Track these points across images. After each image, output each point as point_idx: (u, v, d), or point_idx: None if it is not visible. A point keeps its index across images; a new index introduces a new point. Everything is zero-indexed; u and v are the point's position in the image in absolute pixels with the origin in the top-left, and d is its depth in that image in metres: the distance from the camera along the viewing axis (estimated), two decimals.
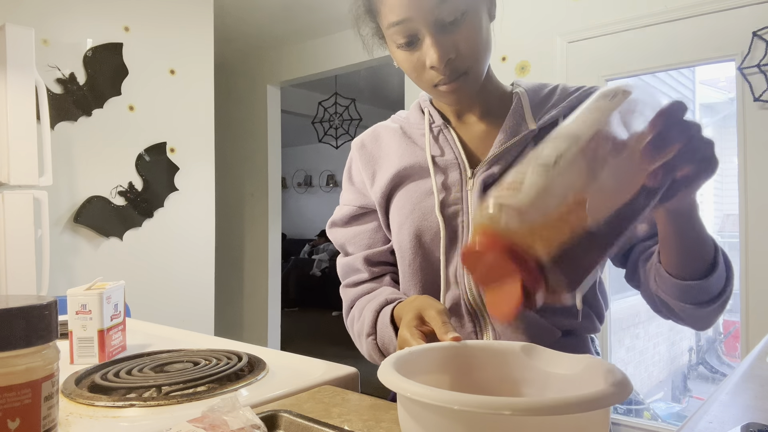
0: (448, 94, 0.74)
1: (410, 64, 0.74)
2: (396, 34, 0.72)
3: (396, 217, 0.83)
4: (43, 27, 2.38)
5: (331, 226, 0.94)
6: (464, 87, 0.74)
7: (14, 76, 2.02)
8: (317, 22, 3.62)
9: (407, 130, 0.86)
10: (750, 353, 0.87)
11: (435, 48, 0.69)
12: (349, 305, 0.90)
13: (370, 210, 0.90)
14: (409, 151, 0.83)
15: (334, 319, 6.62)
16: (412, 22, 0.70)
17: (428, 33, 0.70)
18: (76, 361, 0.92)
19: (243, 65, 4.37)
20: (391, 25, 0.72)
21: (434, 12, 0.68)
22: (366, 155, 0.89)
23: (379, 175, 0.86)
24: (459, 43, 0.71)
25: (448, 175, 0.79)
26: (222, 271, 4.39)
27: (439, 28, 0.70)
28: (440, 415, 0.40)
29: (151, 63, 2.77)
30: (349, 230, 0.90)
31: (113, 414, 0.66)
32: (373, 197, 0.87)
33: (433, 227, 0.78)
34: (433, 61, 0.70)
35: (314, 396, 0.71)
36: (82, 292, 0.94)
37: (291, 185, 9.25)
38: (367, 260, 0.88)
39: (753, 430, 0.55)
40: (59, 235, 2.46)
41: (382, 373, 0.45)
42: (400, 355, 0.51)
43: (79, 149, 2.52)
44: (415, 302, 0.71)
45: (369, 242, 0.88)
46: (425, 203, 0.79)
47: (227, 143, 4.43)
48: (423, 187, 0.81)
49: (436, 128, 0.83)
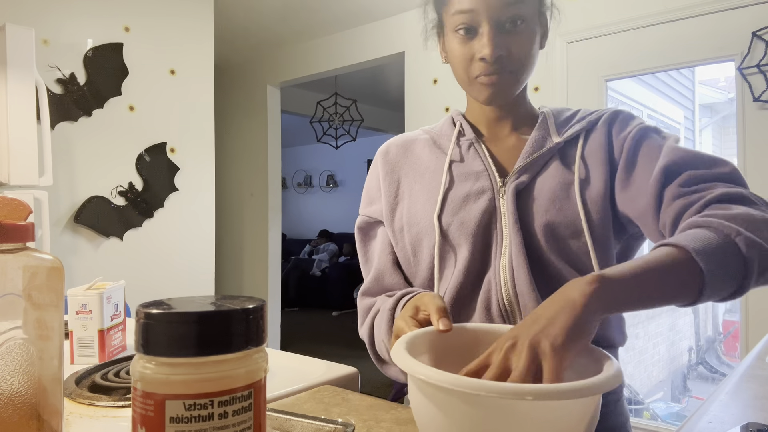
0: (488, 87, 0.79)
1: (462, 53, 0.79)
2: (458, 21, 0.78)
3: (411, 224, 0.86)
4: (43, 27, 2.38)
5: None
6: (504, 84, 0.79)
7: (14, 76, 2.02)
8: (317, 22, 3.62)
9: (437, 140, 0.90)
10: (750, 353, 0.87)
11: (490, 42, 0.76)
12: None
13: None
14: (437, 160, 0.87)
15: (334, 319, 6.63)
16: (477, 15, 0.76)
17: (488, 28, 0.76)
18: (76, 361, 0.92)
19: (243, 65, 4.37)
20: (457, 12, 0.78)
21: (499, 11, 0.76)
22: (389, 163, 0.91)
23: (404, 182, 0.89)
24: (512, 45, 0.77)
25: (480, 185, 0.82)
26: (222, 271, 4.39)
27: (499, 26, 0.77)
28: (458, 399, 0.45)
29: (151, 63, 2.77)
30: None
31: (113, 414, 0.66)
32: (385, 203, 0.89)
33: (468, 228, 0.80)
34: (485, 54, 0.76)
35: (314, 396, 0.71)
36: (83, 292, 0.94)
37: (291, 185, 9.25)
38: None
39: (753, 430, 0.55)
40: (59, 235, 2.46)
41: (397, 356, 0.52)
42: (409, 338, 0.58)
43: (79, 149, 2.52)
44: (416, 296, 0.73)
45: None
46: (466, 207, 0.81)
47: (227, 143, 4.43)
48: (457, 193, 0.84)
49: (467, 141, 0.87)
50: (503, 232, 0.78)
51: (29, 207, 0.50)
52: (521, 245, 0.76)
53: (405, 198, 0.87)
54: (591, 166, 0.79)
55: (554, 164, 0.80)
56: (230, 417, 0.35)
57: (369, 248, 0.92)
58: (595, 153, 0.79)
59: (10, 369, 0.46)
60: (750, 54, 2.20)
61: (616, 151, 0.79)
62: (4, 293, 0.45)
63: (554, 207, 0.77)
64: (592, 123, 0.82)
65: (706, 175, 0.70)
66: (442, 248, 0.81)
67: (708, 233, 0.60)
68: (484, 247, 0.79)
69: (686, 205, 0.68)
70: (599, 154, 0.79)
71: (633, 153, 0.77)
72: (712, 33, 2.30)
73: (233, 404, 0.35)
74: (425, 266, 0.82)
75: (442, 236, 0.81)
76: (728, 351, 4.14)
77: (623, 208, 0.76)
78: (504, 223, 0.78)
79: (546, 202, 0.77)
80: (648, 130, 0.79)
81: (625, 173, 0.76)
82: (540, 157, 0.81)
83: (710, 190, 0.68)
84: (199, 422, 0.34)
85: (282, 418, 0.58)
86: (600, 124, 0.82)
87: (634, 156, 0.77)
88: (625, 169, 0.77)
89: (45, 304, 0.48)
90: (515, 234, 0.76)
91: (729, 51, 2.27)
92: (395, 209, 0.87)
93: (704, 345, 4.29)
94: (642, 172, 0.75)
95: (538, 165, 0.81)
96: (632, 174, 0.76)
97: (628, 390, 3.23)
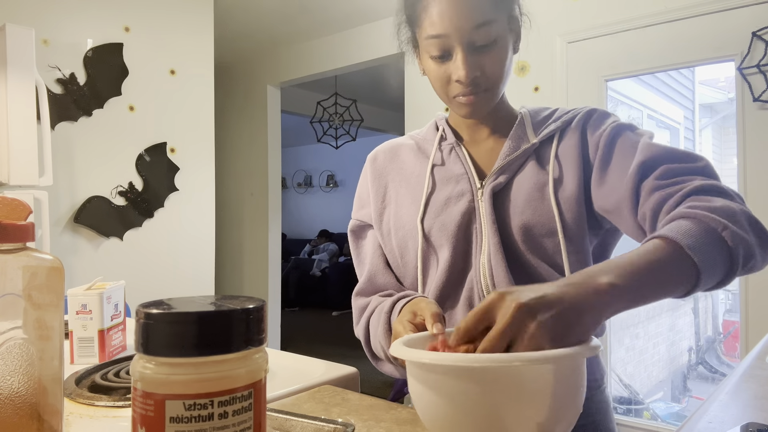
0: (466, 105, 0.82)
1: (438, 74, 0.81)
2: (432, 47, 0.79)
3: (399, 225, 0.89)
4: (43, 27, 2.38)
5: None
6: (481, 102, 0.81)
7: (14, 76, 2.02)
8: (317, 22, 3.62)
9: (422, 145, 0.93)
10: (749, 353, 0.87)
11: (464, 65, 0.78)
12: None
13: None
14: (421, 164, 0.90)
15: (334, 319, 6.63)
16: (449, 39, 0.77)
17: (461, 51, 0.78)
18: (76, 361, 0.92)
19: (243, 65, 4.37)
20: (429, 38, 0.79)
21: (470, 35, 0.77)
22: (377, 169, 0.94)
23: (391, 187, 0.92)
24: (485, 64, 0.79)
25: (460, 188, 0.85)
26: (222, 271, 4.39)
27: (471, 48, 0.78)
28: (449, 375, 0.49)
29: (151, 63, 2.77)
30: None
31: (113, 414, 0.66)
32: (374, 208, 0.92)
33: (448, 230, 0.83)
34: (460, 77, 0.78)
35: (314, 396, 0.71)
36: (83, 292, 0.94)
37: (291, 185, 9.26)
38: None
39: (753, 430, 0.55)
40: (59, 235, 2.46)
41: (396, 350, 0.55)
42: (405, 339, 0.62)
43: (79, 149, 2.52)
44: (411, 301, 0.76)
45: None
46: (447, 210, 0.84)
47: (227, 143, 4.43)
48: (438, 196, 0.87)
49: (448, 145, 0.90)
50: (482, 232, 0.81)
51: (29, 207, 0.50)
52: (499, 245, 0.79)
53: (392, 202, 0.91)
54: (564, 166, 0.81)
55: (530, 165, 0.83)
56: (230, 417, 0.35)
57: (361, 250, 0.96)
58: (569, 152, 0.81)
59: (10, 369, 0.46)
60: (750, 54, 2.20)
61: (591, 150, 0.81)
62: (4, 293, 0.45)
63: (530, 208, 0.79)
64: (566, 123, 0.84)
65: (682, 169, 0.72)
66: (425, 251, 0.84)
67: (695, 226, 0.61)
68: (465, 247, 0.82)
69: (665, 196, 0.69)
70: (573, 153, 0.81)
71: (608, 150, 0.79)
72: (712, 33, 2.30)
73: (233, 404, 0.35)
74: (412, 267, 0.86)
75: (425, 239, 0.84)
76: (728, 351, 4.14)
77: (599, 204, 0.78)
78: (482, 224, 0.81)
79: (522, 203, 0.80)
80: (622, 127, 0.80)
81: (600, 171, 0.78)
82: (516, 158, 0.83)
83: (688, 182, 0.69)
84: (199, 422, 0.34)
85: (282, 418, 0.58)
86: (574, 123, 0.84)
87: (609, 153, 0.78)
88: (600, 167, 0.78)
89: (45, 304, 0.48)
90: (493, 234, 0.79)
91: (729, 51, 2.27)
92: (383, 213, 0.91)
93: (704, 345, 4.29)
94: (617, 168, 0.76)
95: (515, 165, 0.83)
96: (607, 171, 0.78)
97: (628, 390, 3.23)
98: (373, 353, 0.85)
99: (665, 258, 0.58)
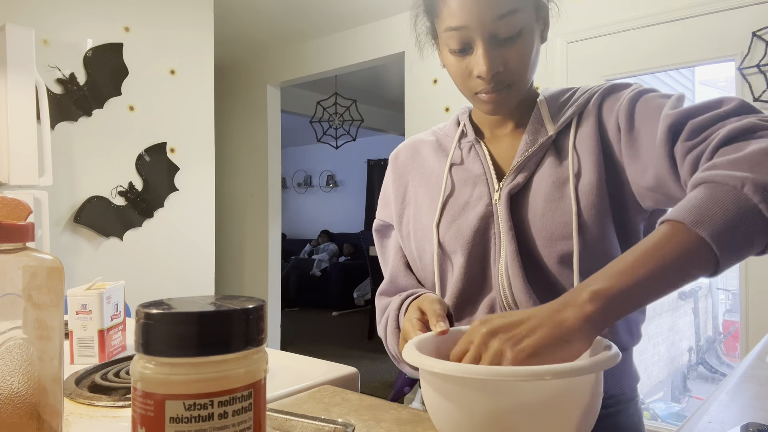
0: (488, 103, 0.76)
1: (458, 69, 0.76)
2: (451, 39, 0.74)
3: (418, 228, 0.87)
4: (43, 27, 2.38)
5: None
6: (504, 99, 0.76)
7: (14, 76, 2.02)
8: (317, 22, 3.62)
9: (442, 141, 0.89)
10: (750, 353, 0.87)
11: (486, 59, 0.72)
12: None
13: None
14: (440, 163, 0.86)
15: (334, 319, 6.62)
16: (469, 31, 0.72)
17: (482, 44, 0.72)
18: (76, 361, 0.92)
19: (243, 65, 4.37)
20: (448, 29, 0.73)
21: (492, 26, 0.70)
22: (398, 168, 0.91)
23: (411, 187, 0.89)
24: (509, 58, 0.73)
25: (478, 190, 0.80)
26: (222, 271, 4.39)
27: (494, 41, 0.72)
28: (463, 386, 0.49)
29: (151, 63, 2.77)
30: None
31: (113, 414, 0.66)
32: (395, 209, 0.89)
33: (463, 237, 0.79)
34: (481, 72, 0.72)
35: (314, 396, 0.71)
36: (82, 292, 0.94)
37: (291, 185, 9.25)
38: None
39: (752, 429, 0.55)
40: (59, 235, 2.46)
41: (408, 355, 0.55)
42: (416, 341, 0.61)
43: (79, 149, 2.52)
44: (418, 298, 0.74)
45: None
46: (464, 215, 0.81)
47: (227, 143, 4.43)
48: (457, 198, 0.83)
49: (468, 143, 0.84)
50: (500, 238, 0.76)
51: (29, 207, 0.50)
52: (515, 253, 0.74)
53: (411, 204, 0.87)
54: (583, 157, 0.74)
55: (549, 159, 0.76)
56: (230, 417, 0.35)
57: (385, 250, 0.93)
58: (587, 141, 0.74)
59: (10, 369, 0.46)
60: (750, 54, 2.20)
61: (611, 130, 0.74)
62: (4, 293, 0.45)
63: (549, 210, 0.73)
64: (582, 105, 0.77)
65: (709, 119, 0.62)
66: (440, 256, 0.81)
67: (707, 193, 0.53)
68: (482, 253, 0.78)
69: (696, 157, 0.61)
70: (590, 141, 0.74)
71: (629, 121, 0.71)
72: (712, 33, 2.30)
73: (233, 404, 0.35)
74: (430, 271, 0.83)
75: (440, 244, 0.80)
76: (728, 351, 4.14)
77: (641, 183, 0.70)
78: (500, 229, 0.76)
79: (541, 205, 0.74)
80: (640, 92, 0.73)
81: (629, 147, 0.70)
82: (534, 154, 0.77)
83: (715, 133, 0.60)
84: (199, 422, 0.34)
85: (282, 418, 0.58)
86: (591, 104, 0.77)
87: (631, 124, 0.71)
88: (628, 141, 0.70)
89: (45, 304, 0.48)
90: (509, 242, 0.74)
91: (729, 51, 2.26)
92: (402, 215, 0.88)
93: (704, 345, 4.29)
94: (646, 137, 0.68)
95: (533, 162, 0.77)
96: (636, 143, 0.70)
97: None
98: (392, 353, 0.84)
99: (669, 245, 0.52)
